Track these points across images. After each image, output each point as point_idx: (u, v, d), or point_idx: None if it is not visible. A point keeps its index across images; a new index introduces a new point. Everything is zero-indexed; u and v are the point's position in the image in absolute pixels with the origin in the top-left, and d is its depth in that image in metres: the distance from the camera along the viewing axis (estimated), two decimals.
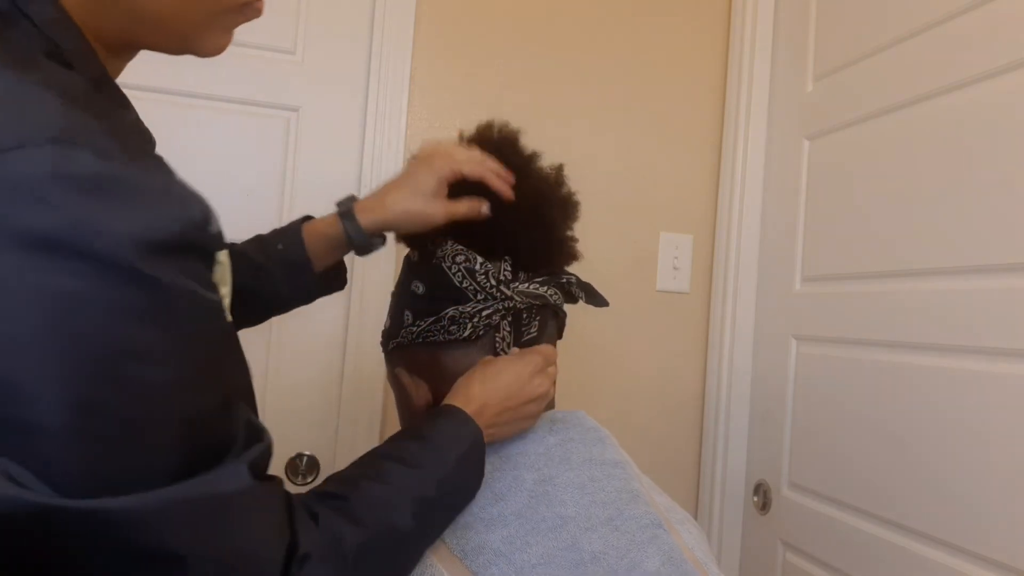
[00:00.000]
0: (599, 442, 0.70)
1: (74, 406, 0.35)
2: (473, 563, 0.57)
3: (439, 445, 0.59)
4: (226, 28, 0.53)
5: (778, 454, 1.37)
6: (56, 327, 0.35)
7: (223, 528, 0.40)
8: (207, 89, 1.28)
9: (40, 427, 0.34)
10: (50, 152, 0.35)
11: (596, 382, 1.46)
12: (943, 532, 1.01)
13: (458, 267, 0.70)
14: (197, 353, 0.40)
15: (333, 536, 0.47)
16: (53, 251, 0.34)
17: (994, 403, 0.95)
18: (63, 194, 0.35)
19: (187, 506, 0.39)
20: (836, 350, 1.25)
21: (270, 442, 0.45)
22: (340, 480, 0.55)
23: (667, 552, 0.62)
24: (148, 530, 0.37)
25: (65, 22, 0.45)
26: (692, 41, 1.54)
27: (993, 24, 1.00)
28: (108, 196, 0.36)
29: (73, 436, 0.35)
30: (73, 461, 0.35)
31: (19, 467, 0.34)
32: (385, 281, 1.32)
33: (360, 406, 1.31)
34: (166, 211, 0.38)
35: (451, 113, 1.39)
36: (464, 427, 0.62)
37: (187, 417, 0.39)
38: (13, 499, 0.34)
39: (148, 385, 0.37)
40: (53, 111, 0.37)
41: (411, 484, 0.55)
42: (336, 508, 0.50)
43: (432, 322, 0.69)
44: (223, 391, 0.42)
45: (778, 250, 1.42)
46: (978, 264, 0.99)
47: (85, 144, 0.36)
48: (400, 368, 0.73)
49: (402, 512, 0.53)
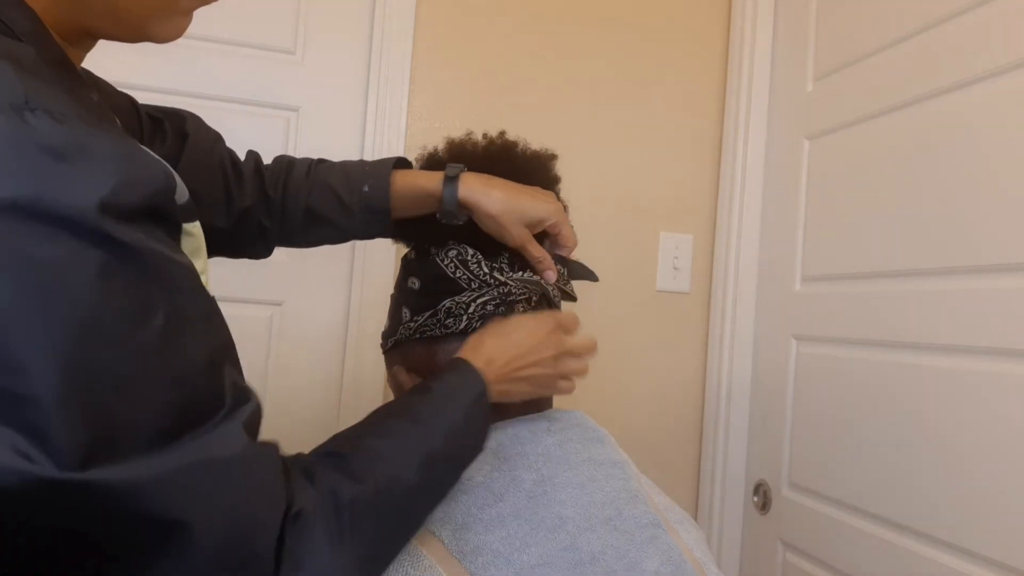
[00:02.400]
0: (598, 442, 0.70)
1: (62, 373, 0.35)
2: (472, 564, 0.57)
3: (444, 398, 0.58)
4: (184, 11, 0.51)
5: (778, 454, 1.37)
6: (30, 293, 0.34)
7: (224, 491, 0.40)
8: (207, 89, 1.28)
9: (34, 398, 0.34)
10: (10, 118, 0.35)
11: (596, 382, 1.46)
12: (943, 532, 1.00)
13: (450, 260, 0.71)
14: (175, 312, 0.40)
15: (329, 493, 0.46)
16: (19, 217, 0.34)
17: (994, 403, 0.95)
18: (24, 160, 0.35)
19: (188, 471, 0.39)
20: (836, 350, 1.25)
21: (258, 402, 0.45)
22: (340, 438, 0.54)
23: (666, 552, 0.62)
24: (151, 498, 0.37)
25: (18, 6, 0.44)
26: (692, 41, 1.54)
27: (992, 24, 1.00)
28: (69, 161, 0.36)
29: (66, 405, 0.35)
30: (69, 430, 0.35)
31: (24, 440, 0.34)
32: (386, 281, 1.32)
33: (360, 406, 1.31)
34: (129, 176, 0.38)
35: (451, 113, 1.39)
36: (470, 379, 0.61)
37: (174, 375, 0.39)
38: (21, 473, 0.34)
39: (130, 345, 0.37)
40: (9, 80, 0.37)
41: (414, 438, 0.54)
42: (334, 465, 0.49)
43: (429, 316, 0.70)
44: (206, 350, 0.42)
45: (778, 250, 1.42)
46: (978, 264, 0.99)
47: (43, 109, 0.36)
48: (398, 366, 0.74)
49: (406, 466, 0.52)
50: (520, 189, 0.73)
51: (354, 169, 0.79)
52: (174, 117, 0.76)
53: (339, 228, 0.79)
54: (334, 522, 0.45)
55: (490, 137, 0.80)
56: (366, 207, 0.77)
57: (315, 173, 0.80)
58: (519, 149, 0.79)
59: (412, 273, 0.73)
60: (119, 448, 0.36)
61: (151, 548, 0.38)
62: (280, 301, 1.31)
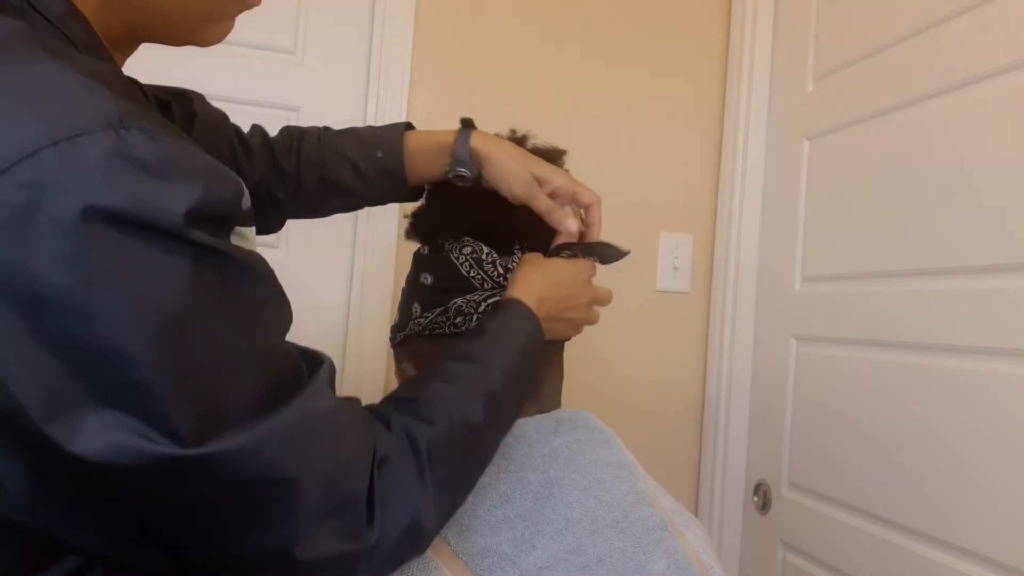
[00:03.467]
0: (605, 443, 0.70)
1: (167, 362, 0.38)
2: (478, 566, 0.57)
3: (501, 339, 0.61)
4: (229, 16, 0.54)
5: (778, 454, 1.37)
6: (132, 293, 0.38)
7: (323, 444, 0.44)
8: (207, 89, 1.26)
9: (147, 386, 0.38)
10: (109, 136, 0.38)
11: (596, 382, 1.46)
12: (943, 532, 1.01)
13: (465, 257, 0.71)
14: (255, 297, 0.44)
15: (407, 435, 0.51)
16: (118, 226, 0.37)
17: (994, 403, 0.95)
18: (122, 175, 0.38)
19: (289, 431, 0.43)
20: (836, 350, 1.25)
21: (331, 360, 0.49)
22: (408, 385, 0.58)
23: (672, 555, 0.62)
24: (261, 461, 0.41)
25: (75, 15, 0.46)
26: (692, 41, 1.54)
27: (993, 24, 1.00)
28: (161, 175, 0.39)
29: (176, 389, 0.38)
30: (182, 411, 0.38)
31: (143, 424, 0.38)
32: (386, 280, 1.32)
33: (361, 400, 1.31)
34: (211, 188, 0.41)
35: (451, 113, 1.39)
36: (525, 319, 0.64)
37: (260, 351, 0.44)
38: (147, 452, 0.37)
39: (222, 331, 0.41)
40: (104, 97, 0.39)
41: (477, 378, 0.57)
42: (407, 411, 0.53)
43: (439, 313, 0.70)
44: (283, 325, 0.47)
45: (778, 250, 1.42)
46: (978, 264, 0.99)
47: (135, 127, 0.39)
48: (407, 362, 0.73)
49: (472, 406, 0.55)
50: (530, 153, 0.76)
51: (366, 135, 0.81)
52: (182, 98, 0.78)
53: (355, 195, 0.81)
54: (414, 463, 0.50)
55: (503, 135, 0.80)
56: (383, 172, 0.79)
57: (327, 140, 0.81)
58: (530, 144, 0.80)
59: (425, 269, 0.73)
60: (226, 421, 0.40)
61: (264, 506, 0.42)
62: None
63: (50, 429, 0.36)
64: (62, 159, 0.36)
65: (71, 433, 0.37)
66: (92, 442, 0.37)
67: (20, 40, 0.40)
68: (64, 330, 0.37)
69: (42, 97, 0.38)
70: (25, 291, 0.36)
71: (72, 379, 0.37)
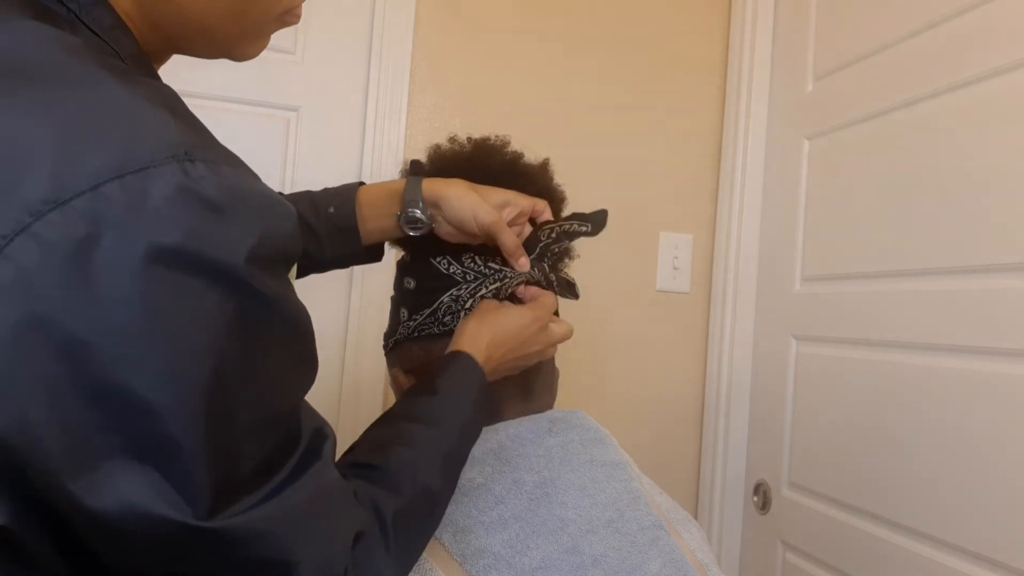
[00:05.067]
0: (599, 442, 0.70)
1: (204, 420, 0.36)
2: (473, 567, 0.57)
3: (456, 398, 0.60)
4: (266, 34, 0.54)
5: (778, 454, 1.37)
6: (177, 338, 0.36)
7: (324, 526, 0.43)
8: (207, 89, 1.28)
9: (178, 443, 0.36)
10: (173, 170, 0.36)
11: (596, 382, 1.46)
12: (943, 532, 1.01)
13: (443, 256, 0.71)
14: (294, 354, 0.43)
15: (374, 509, 0.49)
16: (176, 266, 0.36)
17: (994, 403, 0.95)
18: (186, 212, 0.36)
19: (299, 512, 0.41)
20: (836, 350, 1.25)
21: (334, 434, 0.47)
22: (370, 447, 0.56)
23: (668, 554, 0.62)
24: (269, 541, 0.39)
25: (123, 29, 0.45)
26: (692, 41, 1.53)
27: (993, 24, 1.00)
28: (223, 213, 0.38)
29: (204, 449, 0.36)
30: (204, 475, 0.36)
31: (166, 483, 0.36)
32: (386, 282, 1.32)
33: (360, 407, 1.31)
34: (272, 225, 0.40)
35: (451, 113, 1.39)
36: (472, 373, 0.63)
37: (280, 418, 0.42)
38: (163, 519, 0.35)
39: (259, 391, 0.39)
40: (169, 127, 0.38)
41: (435, 442, 0.57)
42: (372, 479, 0.51)
43: (428, 315, 0.70)
44: (303, 392, 0.45)
45: (778, 250, 1.42)
46: (978, 264, 0.99)
47: (200, 160, 0.38)
48: (397, 368, 0.74)
49: (432, 472, 0.55)
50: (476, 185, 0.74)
51: (319, 194, 0.79)
52: None
53: (307, 257, 0.78)
54: (381, 537, 0.48)
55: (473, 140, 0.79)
56: (334, 227, 0.76)
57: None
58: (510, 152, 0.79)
59: (408, 274, 0.74)
60: (235, 490, 0.38)
61: None
62: None
63: (72, 484, 0.34)
64: (127, 194, 0.35)
65: (90, 488, 0.35)
66: (109, 498, 0.35)
67: (84, 59, 0.39)
68: (106, 377, 0.34)
69: (107, 125, 0.36)
70: (73, 332, 0.34)
71: (105, 431, 0.35)
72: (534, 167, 0.78)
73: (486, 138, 0.78)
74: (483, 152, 0.77)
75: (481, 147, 0.78)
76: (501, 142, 0.78)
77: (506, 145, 0.78)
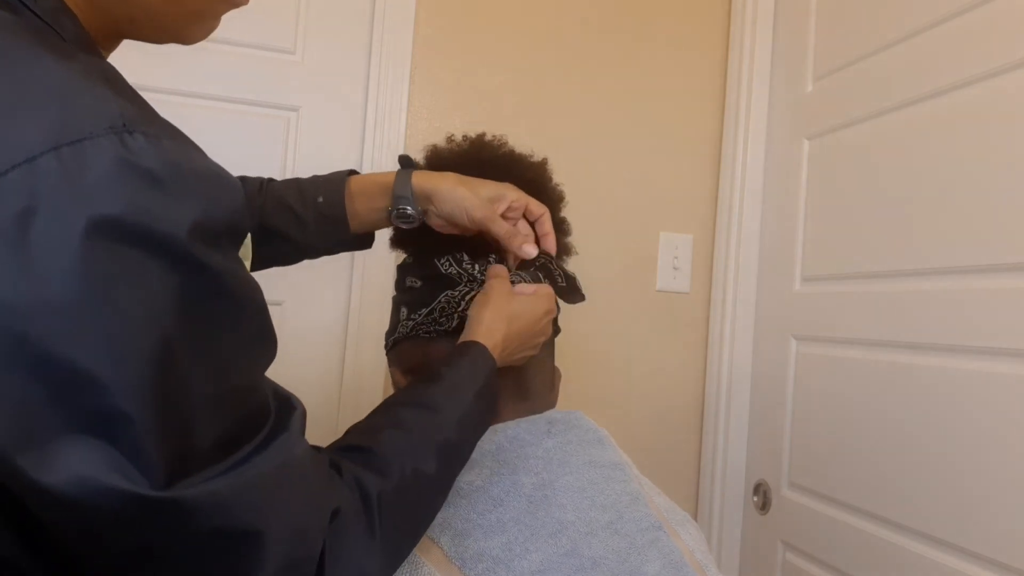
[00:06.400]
0: (598, 443, 0.70)
1: (153, 392, 0.36)
2: (472, 571, 0.57)
3: (458, 387, 0.60)
4: (216, 15, 0.53)
5: (778, 454, 1.37)
6: (132, 312, 0.35)
7: (292, 496, 0.42)
8: (207, 89, 1.28)
9: (127, 416, 0.35)
10: (112, 141, 0.36)
11: (596, 382, 1.46)
12: (943, 532, 1.01)
13: (445, 258, 0.72)
14: (243, 331, 0.42)
15: (358, 489, 0.48)
16: (115, 239, 0.35)
17: (994, 403, 0.95)
18: (124, 184, 0.36)
19: (261, 480, 0.40)
20: (836, 350, 1.25)
21: (303, 406, 0.47)
22: (361, 431, 0.56)
23: (667, 555, 0.62)
24: (231, 510, 0.39)
25: (66, 11, 0.44)
26: (692, 41, 1.53)
27: (993, 24, 1.00)
28: (164, 185, 0.37)
29: (155, 422, 0.36)
30: (158, 448, 0.36)
31: (121, 456, 0.35)
32: (386, 281, 1.32)
33: (360, 405, 1.31)
34: (215, 198, 0.39)
35: (451, 113, 1.39)
36: (483, 362, 0.62)
37: (240, 391, 0.41)
38: (118, 491, 0.35)
39: (205, 364, 0.39)
40: (107, 99, 0.37)
41: (432, 429, 0.56)
42: (359, 461, 0.51)
43: (426, 315, 0.70)
44: (264, 364, 0.45)
45: (778, 250, 1.42)
46: (978, 264, 0.99)
47: (139, 131, 0.37)
48: (395, 368, 0.74)
49: (426, 458, 0.54)
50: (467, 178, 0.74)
51: (308, 183, 0.79)
52: None
53: (292, 241, 0.78)
54: (364, 518, 0.47)
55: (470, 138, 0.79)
56: (322, 216, 0.76)
57: (267, 190, 0.79)
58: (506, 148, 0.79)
59: (411, 274, 0.74)
60: (192, 463, 0.38)
61: (227, 559, 0.39)
62: (280, 301, 1.31)
63: (21, 459, 0.34)
64: (63, 166, 0.34)
65: (40, 463, 0.34)
66: (61, 472, 0.34)
67: (19, 37, 0.38)
68: (48, 351, 0.34)
69: (42, 99, 0.36)
70: (12, 306, 0.33)
71: (51, 405, 0.34)
72: (528, 159, 0.79)
73: (482, 135, 0.79)
74: (477, 148, 0.78)
75: (477, 144, 0.78)
76: (498, 141, 0.79)
77: (503, 145, 0.79)
